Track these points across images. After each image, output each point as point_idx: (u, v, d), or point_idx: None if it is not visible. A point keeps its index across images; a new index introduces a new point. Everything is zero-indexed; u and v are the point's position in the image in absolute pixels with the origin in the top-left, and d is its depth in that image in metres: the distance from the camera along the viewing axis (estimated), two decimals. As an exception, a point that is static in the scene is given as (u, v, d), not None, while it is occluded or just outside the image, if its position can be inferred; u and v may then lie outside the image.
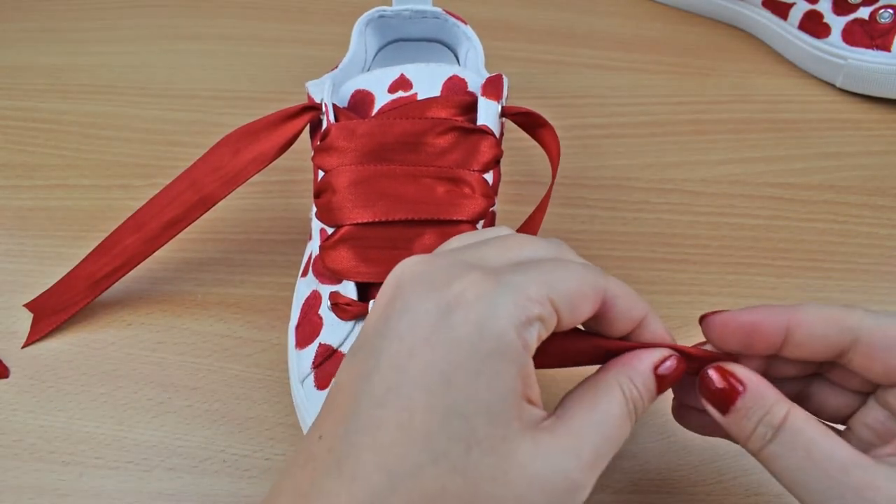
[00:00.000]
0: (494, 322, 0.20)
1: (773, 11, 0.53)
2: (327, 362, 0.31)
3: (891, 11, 0.47)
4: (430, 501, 0.19)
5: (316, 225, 0.33)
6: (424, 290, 0.21)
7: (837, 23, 0.49)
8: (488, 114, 0.32)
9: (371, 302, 0.29)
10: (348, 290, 0.31)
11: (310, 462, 0.21)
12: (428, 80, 0.33)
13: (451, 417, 0.20)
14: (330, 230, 0.32)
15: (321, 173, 0.32)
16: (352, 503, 0.19)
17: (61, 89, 0.49)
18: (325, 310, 0.32)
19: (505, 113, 0.33)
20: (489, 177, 0.32)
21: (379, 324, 0.22)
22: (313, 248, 0.33)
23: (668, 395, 0.35)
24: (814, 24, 0.50)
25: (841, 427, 0.26)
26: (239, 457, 0.32)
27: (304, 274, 0.35)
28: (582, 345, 0.24)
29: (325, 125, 0.32)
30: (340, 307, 0.31)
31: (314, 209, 0.33)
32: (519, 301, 0.21)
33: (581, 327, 0.24)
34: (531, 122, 0.34)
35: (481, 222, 0.32)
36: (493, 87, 0.33)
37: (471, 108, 0.32)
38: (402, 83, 0.33)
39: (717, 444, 0.33)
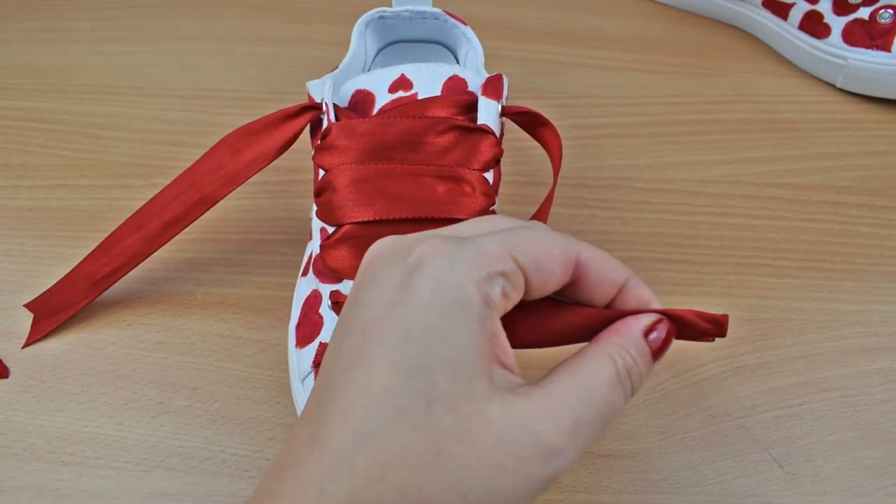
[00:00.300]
0: (451, 276, 0.20)
1: (773, 11, 0.53)
2: (327, 362, 0.31)
3: (891, 12, 0.47)
4: (394, 460, 0.19)
5: (316, 224, 0.33)
6: (391, 260, 0.22)
7: (837, 23, 0.49)
8: (488, 113, 0.32)
9: None
10: (349, 289, 0.31)
11: (292, 439, 0.21)
12: (428, 80, 0.33)
13: (412, 373, 0.20)
14: (331, 229, 0.32)
15: (322, 172, 0.32)
16: (321, 469, 0.20)
17: (61, 89, 0.49)
18: (325, 309, 0.32)
19: (505, 112, 0.33)
20: (489, 176, 0.32)
21: (351, 299, 0.22)
22: (314, 247, 0.33)
23: (667, 396, 0.35)
24: (814, 25, 0.50)
25: None
26: (239, 457, 0.32)
27: (305, 273, 0.35)
28: (564, 317, 0.23)
29: (325, 124, 0.32)
30: (341, 306, 0.31)
31: (314, 208, 0.33)
32: (477, 257, 0.21)
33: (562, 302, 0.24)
34: (532, 122, 0.34)
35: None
36: (493, 86, 0.33)
37: (471, 107, 0.32)
38: (402, 83, 0.33)
39: (718, 443, 0.33)
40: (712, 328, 0.23)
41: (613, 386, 0.21)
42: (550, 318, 0.23)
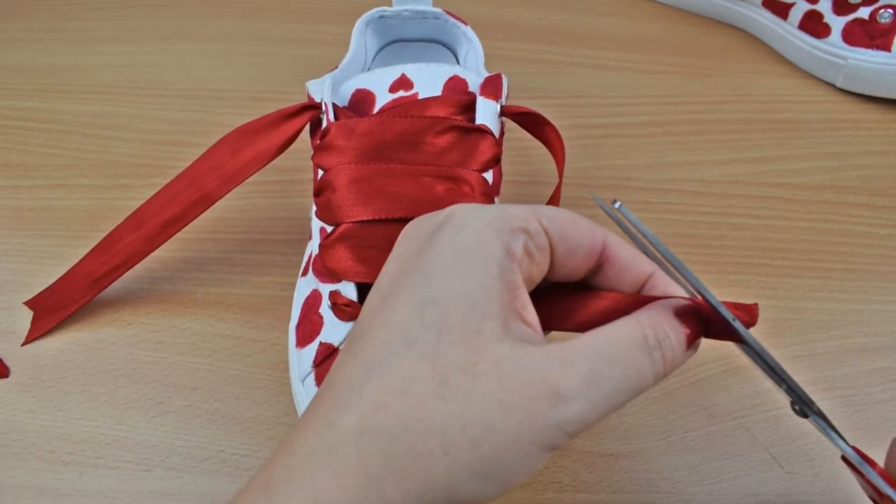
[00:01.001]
0: (473, 224, 0.21)
1: (773, 11, 0.53)
2: (328, 361, 0.31)
3: (891, 11, 0.47)
4: (398, 388, 0.19)
5: (316, 224, 0.33)
6: (423, 221, 0.23)
7: (837, 23, 0.49)
8: (487, 113, 0.32)
9: None
10: (348, 290, 0.31)
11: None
12: (429, 80, 0.33)
13: (427, 306, 0.20)
14: (329, 228, 0.32)
15: (321, 172, 0.32)
16: (332, 402, 0.20)
17: (61, 89, 0.49)
18: (325, 308, 0.32)
19: (505, 112, 0.33)
20: (489, 176, 0.32)
21: (389, 257, 0.23)
22: (313, 247, 0.33)
23: (667, 396, 0.35)
24: (814, 24, 0.50)
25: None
26: (239, 457, 0.32)
27: (305, 273, 0.35)
28: (593, 300, 0.23)
29: (324, 124, 0.32)
30: (339, 307, 0.31)
31: (314, 208, 0.33)
32: (501, 212, 0.22)
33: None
34: (533, 122, 0.34)
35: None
36: (491, 86, 0.33)
37: (470, 107, 0.32)
38: (402, 83, 0.33)
39: (717, 443, 0.33)
40: (743, 316, 0.23)
41: (638, 348, 0.20)
42: (580, 302, 0.23)
